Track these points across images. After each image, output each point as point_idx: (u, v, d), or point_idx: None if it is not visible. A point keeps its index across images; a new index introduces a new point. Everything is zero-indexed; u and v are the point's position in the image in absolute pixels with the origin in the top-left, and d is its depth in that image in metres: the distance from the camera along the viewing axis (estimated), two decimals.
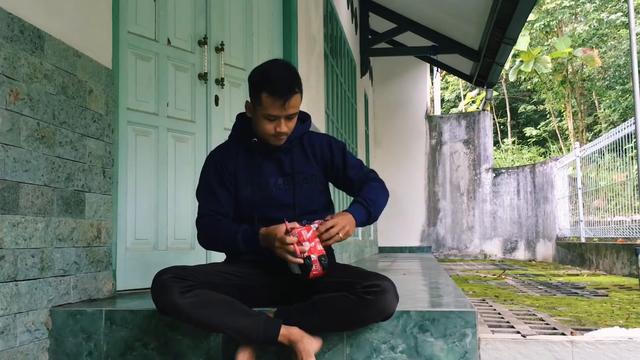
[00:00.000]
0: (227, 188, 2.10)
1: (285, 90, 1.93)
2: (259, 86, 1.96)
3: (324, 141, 2.19)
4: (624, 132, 6.73)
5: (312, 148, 2.16)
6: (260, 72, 2.01)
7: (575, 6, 19.14)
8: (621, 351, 1.96)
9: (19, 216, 1.95)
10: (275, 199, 2.09)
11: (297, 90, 1.98)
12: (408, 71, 11.35)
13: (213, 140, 3.27)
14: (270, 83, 1.93)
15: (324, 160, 2.17)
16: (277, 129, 2.00)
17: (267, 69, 2.01)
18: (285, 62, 2.08)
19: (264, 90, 1.94)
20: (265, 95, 1.94)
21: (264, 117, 1.99)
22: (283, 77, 1.95)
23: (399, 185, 10.86)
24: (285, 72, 1.98)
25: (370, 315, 1.85)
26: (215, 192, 2.10)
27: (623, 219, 6.96)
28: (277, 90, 1.93)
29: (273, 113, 1.96)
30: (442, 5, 7.96)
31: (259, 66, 2.07)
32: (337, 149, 2.18)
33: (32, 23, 2.04)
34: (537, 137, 21.19)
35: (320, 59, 5.36)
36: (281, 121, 1.99)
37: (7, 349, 1.91)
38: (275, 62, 2.08)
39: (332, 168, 2.17)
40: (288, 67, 2.03)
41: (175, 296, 1.78)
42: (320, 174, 2.17)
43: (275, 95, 1.93)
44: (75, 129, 2.28)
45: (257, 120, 2.03)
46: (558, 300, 3.76)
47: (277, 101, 1.94)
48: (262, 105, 1.97)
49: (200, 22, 3.29)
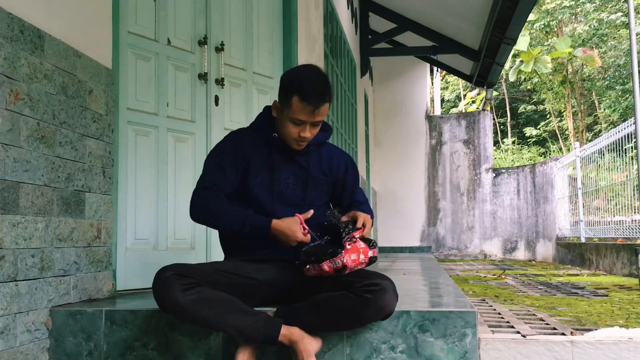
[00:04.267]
0: (236, 170, 2.09)
1: (317, 97, 1.95)
2: (291, 89, 1.96)
3: (342, 159, 2.23)
4: (624, 132, 6.73)
5: (329, 160, 2.19)
6: (293, 75, 2.03)
7: (575, 6, 19.13)
8: (621, 351, 1.96)
9: (19, 216, 1.95)
10: (281, 195, 2.10)
11: (328, 99, 1.99)
12: (408, 71, 11.35)
13: (213, 140, 3.27)
14: (303, 88, 1.94)
15: (337, 176, 2.20)
16: (301, 133, 2.01)
17: (301, 73, 2.02)
18: (319, 69, 2.08)
19: (296, 94, 1.94)
20: (296, 99, 1.95)
21: (290, 120, 1.99)
22: (316, 84, 1.96)
23: (399, 185, 10.86)
24: (319, 79, 1.99)
25: (370, 314, 1.85)
26: (225, 170, 2.09)
27: (623, 219, 6.96)
28: (309, 96, 1.93)
29: (301, 118, 1.97)
30: (442, 5, 7.96)
31: (292, 69, 2.11)
32: (351, 171, 2.23)
33: (32, 23, 2.04)
34: (537, 137, 21.18)
35: (320, 59, 5.36)
36: (306, 127, 2.00)
37: (7, 349, 1.91)
38: (309, 67, 2.08)
39: (341, 187, 2.21)
40: (321, 74, 2.04)
41: (177, 293, 1.79)
42: (329, 186, 2.19)
43: (307, 101, 1.94)
44: (75, 129, 2.28)
45: (282, 122, 2.03)
46: (558, 300, 3.76)
47: (308, 107, 1.95)
48: (291, 108, 1.97)
49: (200, 22, 3.29)
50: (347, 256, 1.86)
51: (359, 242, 1.91)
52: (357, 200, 2.22)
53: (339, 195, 2.22)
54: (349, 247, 1.88)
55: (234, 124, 3.44)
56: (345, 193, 2.22)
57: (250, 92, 3.62)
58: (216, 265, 2.05)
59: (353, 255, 1.87)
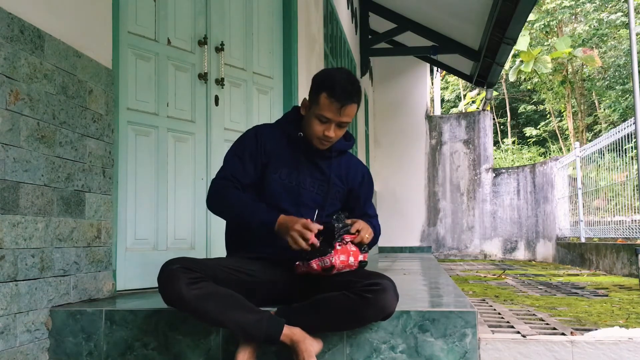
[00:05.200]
0: (255, 163, 2.10)
1: (345, 96, 1.97)
2: (320, 86, 2.01)
3: (360, 170, 2.26)
4: (624, 132, 6.73)
5: (348, 169, 2.21)
6: (325, 73, 2.07)
7: (575, 6, 19.14)
8: (621, 351, 1.96)
9: (19, 216, 1.95)
10: (299, 195, 2.11)
11: (356, 101, 2.02)
12: (408, 71, 11.34)
13: (213, 141, 3.28)
14: (332, 85, 1.97)
15: (353, 185, 2.22)
16: (326, 132, 2.02)
17: (333, 72, 2.06)
18: (351, 73, 2.11)
19: (324, 90, 1.98)
20: (324, 95, 1.98)
21: (316, 117, 2.02)
22: (345, 83, 2.00)
23: (399, 185, 10.86)
24: (349, 80, 2.02)
25: (370, 314, 1.85)
26: (245, 162, 2.10)
27: (623, 219, 6.96)
28: (337, 93, 1.96)
29: (327, 115, 1.99)
30: (442, 5, 7.96)
31: (325, 69, 2.15)
32: (367, 183, 2.27)
33: (32, 23, 2.04)
34: (537, 137, 21.19)
35: (320, 59, 5.36)
36: (332, 126, 2.01)
37: (7, 349, 1.91)
38: (342, 70, 2.12)
39: (355, 196, 2.24)
40: (352, 77, 2.06)
41: (183, 287, 1.79)
42: (344, 194, 2.21)
43: (334, 97, 1.97)
44: (75, 129, 2.28)
45: (308, 119, 2.06)
46: (558, 300, 3.76)
47: (335, 104, 1.97)
48: (319, 105, 2.00)
49: (200, 22, 3.29)
50: (337, 257, 1.88)
51: (350, 245, 1.92)
52: (367, 213, 2.24)
53: (352, 205, 2.24)
54: (339, 247, 1.90)
55: (234, 124, 3.45)
56: (357, 204, 2.24)
57: (250, 92, 3.62)
58: (220, 261, 2.05)
59: (342, 257, 1.89)
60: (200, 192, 3.18)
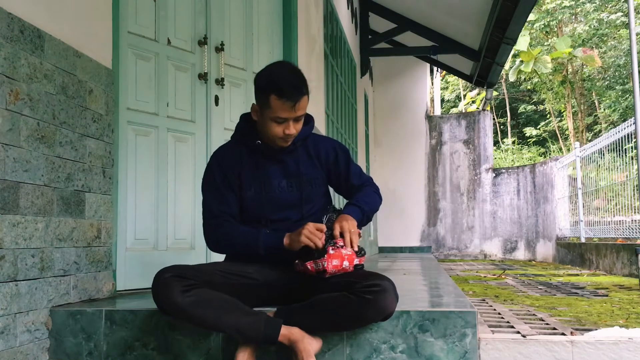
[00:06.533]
0: (232, 189, 2.10)
1: (294, 93, 1.94)
2: (267, 89, 1.96)
3: (329, 145, 2.20)
4: (624, 132, 6.73)
5: (316, 151, 2.17)
6: (267, 75, 2.01)
7: (575, 6, 19.13)
8: (621, 351, 1.96)
9: (19, 216, 1.95)
10: (279, 200, 2.10)
11: (305, 92, 1.98)
12: (408, 71, 11.34)
13: (213, 140, 3.27)
14: (279, 86, 1.93)
15: (328, 165, 2.18)
16: (286, 131, 2.00)
17: (274, 71, 2.01)
18: (291, 64, 2.08)
19: (273, 93, 1.94)
20: (274, 97, 1.94)
21: (272, 120, 1.98)
22: (291, 79, 1.96)
23: (399, 185, 10.86)
24: (293, 74, 1.99)
25: (370, 314, 1.85)
26: (223, 192, 2.09)
27: (623, 219, 6.96)
28: (286, 92, 1.93)
29: (282, 115, 1.96)
30: (442, 5, 7.96)
31: (264, 69, 2.06)
32: (342, 155, 2.20)
33: (32, 23, 2.04)
34: (537, 137, 21.18)
35: (320, 59, 5.36)
36: (290, 123, 1.99)
37: (7, 349, 1.91)
38: (281, 64, 2.09)
39: (335, 173, 2.20)
40: (294, 69, 2.03)
41: (176, 295, 1.78)
42: (323, 176, 2.18)
43: (284, 97, 1.93)
44: (75, 129, 2.28)
45: (264, 123, 2.02)
46: (558, 300, 3.76)
47: (287, 103, 1.94)
48: (271, 108, 1.96)
49: (200, 22, 3.29)
50: (329, 261, 1.89)
51: (345, 249, 1.92)
52: (353, 185, 2.20)
53: (336, 183, 2.22)
54: (332, 252, 1.90)
55: (234, 124, 3.41)
56: (340, 179, 2.20)
57: (250, 92, 3.61)
58: (216, 265, 2.05)
59: (335, 261, 1.90)
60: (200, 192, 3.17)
